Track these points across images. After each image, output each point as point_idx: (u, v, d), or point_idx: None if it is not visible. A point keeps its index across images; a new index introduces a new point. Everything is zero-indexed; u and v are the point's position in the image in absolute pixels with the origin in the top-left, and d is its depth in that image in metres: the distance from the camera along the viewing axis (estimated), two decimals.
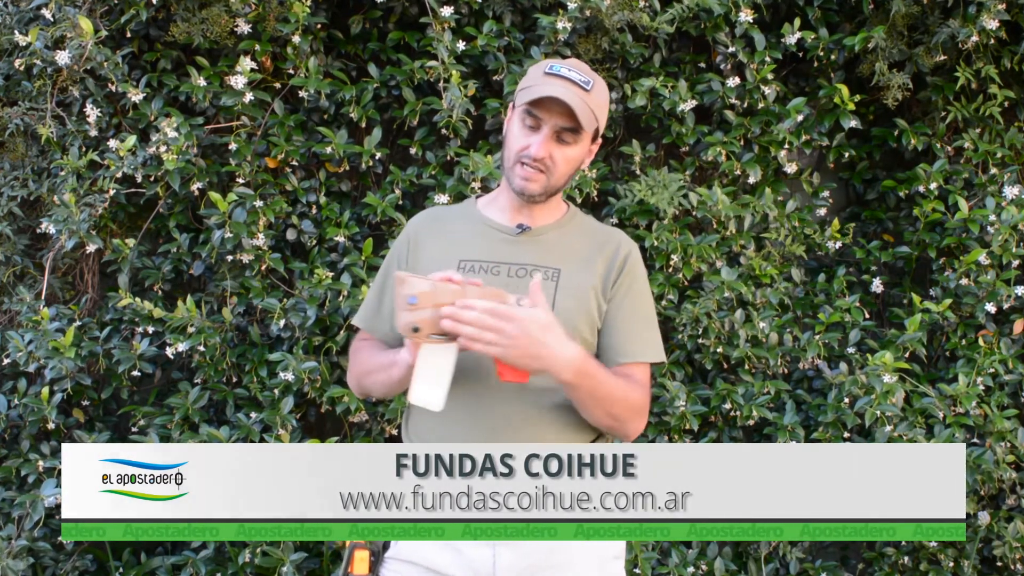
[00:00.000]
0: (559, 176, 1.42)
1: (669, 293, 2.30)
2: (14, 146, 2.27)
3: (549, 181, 1.42)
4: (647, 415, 1.47)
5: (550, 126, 1.38)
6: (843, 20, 2.42)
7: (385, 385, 1.44)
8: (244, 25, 2.17)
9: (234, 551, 2.19)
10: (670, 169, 2.41)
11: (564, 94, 1.34)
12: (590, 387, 1.33)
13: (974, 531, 2.36)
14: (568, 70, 1.39)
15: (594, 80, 1.40)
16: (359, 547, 1.45)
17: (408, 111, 2.27)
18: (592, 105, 1.38)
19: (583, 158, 1.46)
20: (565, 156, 1.41)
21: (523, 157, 1.40)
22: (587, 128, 1.37)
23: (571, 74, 1.38)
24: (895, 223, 2.53)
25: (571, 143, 1.40)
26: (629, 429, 1.44)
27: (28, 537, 2.13)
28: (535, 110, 1.38)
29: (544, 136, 1.38)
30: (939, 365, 2.48)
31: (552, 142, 1.39)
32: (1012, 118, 2.49)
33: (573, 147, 1.41)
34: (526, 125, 1.40)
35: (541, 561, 1.40)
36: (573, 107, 1.34)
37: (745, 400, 2.30)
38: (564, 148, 1.40)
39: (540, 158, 1.39)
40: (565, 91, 1.35)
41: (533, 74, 1.42)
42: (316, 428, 2.41)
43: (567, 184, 1.47)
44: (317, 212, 2.32)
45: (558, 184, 1.44)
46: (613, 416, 1.39)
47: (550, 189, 1.43)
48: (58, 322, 2.18)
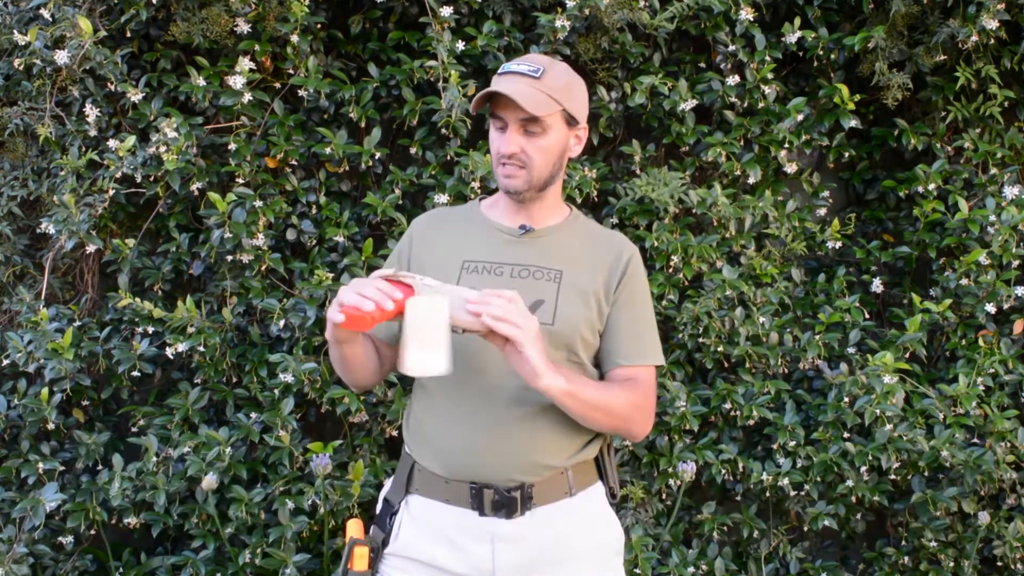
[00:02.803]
0: (540, 168, 1.43)
1: (669, 293, 2.30)
2: (14, 146, 2.26)
3: (531, 175, 1.43)
4: (652, 415, 1.49)
5: (513, 122, 1.40)
6: (843, 20, 2.42)
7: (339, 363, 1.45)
8: (244, 25, 2.17)
9: (234, 551, 2.19)
10: (670, 169, 2.41)
11: (507, 87, 1.37)
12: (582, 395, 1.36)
13: (974, 531, 2.36)
14: (517, 64, 1.41)
15: (545, 67, 1.41)
16: (359, 543, 1.46)
17: (408, 111, 2.27)
18: (546, 90, 1.39)
19: (562, 146, 1.46)
20: (538, 147, 1.42)
21: (500, 157, 1.43)
22: (539, 113, 1.37)
23: (519, 67, 1.40)
24: (895, 223, 2.53)
25: (539, 133, 1.41)
26: (634, 429, 1.46)
27: (27, 539, 2.12)
28: (495, 110, 1.41)
29: (510, 132, 1.41)
30: (939, 365, 2.48)
31: (520, 136, 1.41)
32: (1012, 118, 2.49)
33: (543, 136, 1.42)
34: (496, 127, 1.44)
35: (540, 557, 1.41)
36: (515, 97, 1.35)
37: (745, 400, 2.30)
38: (534, 139, 1.42)
39: (512, 153, 1.41)
40: (510, 84, 1.38)
41: (493, 79, 1.44)
42: (316, 429, 2.41)
43: (554, 174, 1.47)
44: (317, 212, 2.32)
45: (541, 176, 1.44)
46: (613, 418, 1.41)
47: (534, 182, 1.44)
48: (58, 322, 2.17)
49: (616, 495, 1.54)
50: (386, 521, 1.48)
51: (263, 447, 2.25)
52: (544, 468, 1.41)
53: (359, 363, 1.44)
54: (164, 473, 2.17)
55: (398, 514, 1.48)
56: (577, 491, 1.46)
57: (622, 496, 2.33)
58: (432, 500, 1.44)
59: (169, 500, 2.21)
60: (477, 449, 1.39)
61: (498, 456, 1.39)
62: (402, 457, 1.53)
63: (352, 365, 1.44)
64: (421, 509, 1.45)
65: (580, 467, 1.47)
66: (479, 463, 1.39)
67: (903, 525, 2.46)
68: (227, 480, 2.18)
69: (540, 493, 1.41)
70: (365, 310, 1.21)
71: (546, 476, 1.41)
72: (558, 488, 1.43)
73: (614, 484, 1.54)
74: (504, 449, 1.39)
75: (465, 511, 1.40)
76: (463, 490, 1.40)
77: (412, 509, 1.46)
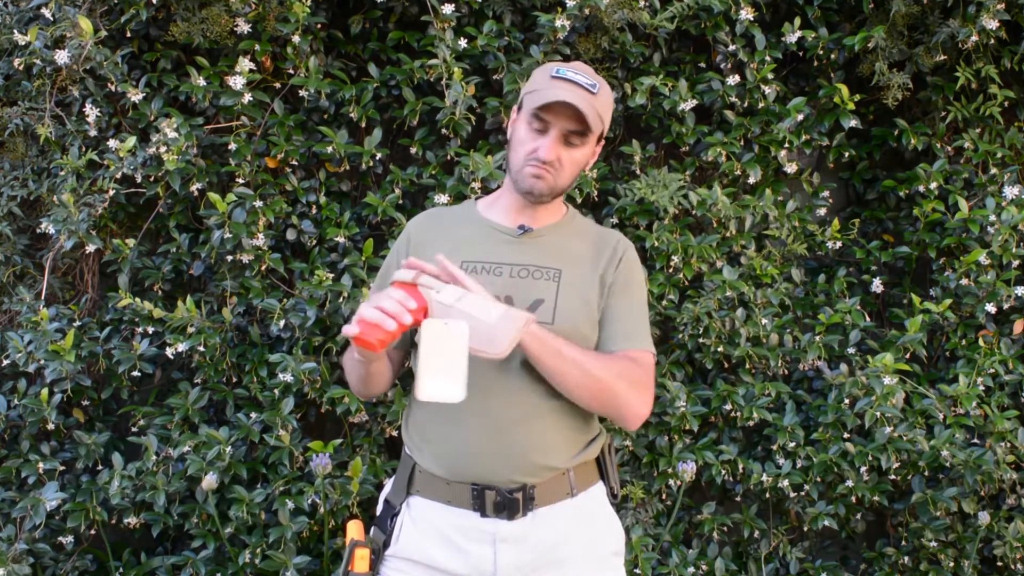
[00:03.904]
0: (565, 178, 1.45)
1: (669, 293, 2.30)
2: (14, 146, 2.26)
3: (556, 182, 1.44)
4: (647, 398, 1.42)
5: (558, 129, 1.40)
6: (843, 20, 2.42)
7: (362, 380, 1.46)
8: (244, 25, 2.17)
9: (234, 551, 2.19)
10: (670, 169, 2.41)
11: (573, 98, 1.36)
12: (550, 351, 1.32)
13: (974, 531, 2.36)
14: (575, 73, 1.40)
15: (599, 83, 1.42)
16: (360, 545, 1.46)
17: (408, 111, 2.27)
18: (598, 108, 1.41)
19: (588, 160, 1.49)
20: (572, 158, 1.44)
21: (532, 160, 1.42)
22: (594, 131, 1.40)
23: (578, 77, 1.40)
24: (895, 223, 2.53)
25: (578, 145, 1.43)
26: (621, 406, 1.39)
27: (28, 538, 2.13)
28: (544, 114, 1.39)
29: (552, 139, 1.40)
30: (939, 365, 2.48)
31: (560, 145, 1.41)
32: (1012, 118, 2.49)
33: (580, 149, 1.44)
34: (533, 128, 1.42)
35: (541, 558, 1.41)
36: (583, 111, 1.36)
37: (745, 401, 2.30)
38: (571, 151, 1.43)
39: (549, 160, 1.41)
40: (574, 95, 1.37)
41: (539, 78, 1.43)
42: (316, 429, 2.41)
43: (571, 186, 1.50)
44: (317, 212, 2.32)
45: (564, 185, 1.46)
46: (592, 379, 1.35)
47: (556, 190, 1.46)
48: (58, 322, 2.17)
49: (616, 495, 1.54)
50: (387, 522, 1.48)
51: (263, 447, 2.25)
52: (546, 469, 1.41)
53: (380, 377, 1.47)
54: (164, 473, 2.17)
55: (399, 515, 1.48)
56: (578, 492, 1.46)
57: (622, 496, 2.33)
58: (433, 501, 1.44)
59: (169, 500, 2.21)
60: (479, 450, 1.39)
61: (500, 457, 1.39)
62: (402, 459, 1.53)
63: (375, 380, 1.46)
64: (422, 510, 1.45)
65: (582, 468, 1.47)
66: (481, 464, 1.39)
67: (903, 525, 2.46)
68: (227, 480, 2.18)
69: (542, 494, 1.41)
70: (388, 329, 1.18)
71: (548, 477, 1.41)
72: (560, 489, 1.43)
73: (615, 484, 1.55)
74: (506, 450, 1.39)
75: (467, 512, 1.40)
76: (465, 491, 1.40)
77: (413, 510, 1.46)
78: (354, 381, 1.51)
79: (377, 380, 1.47)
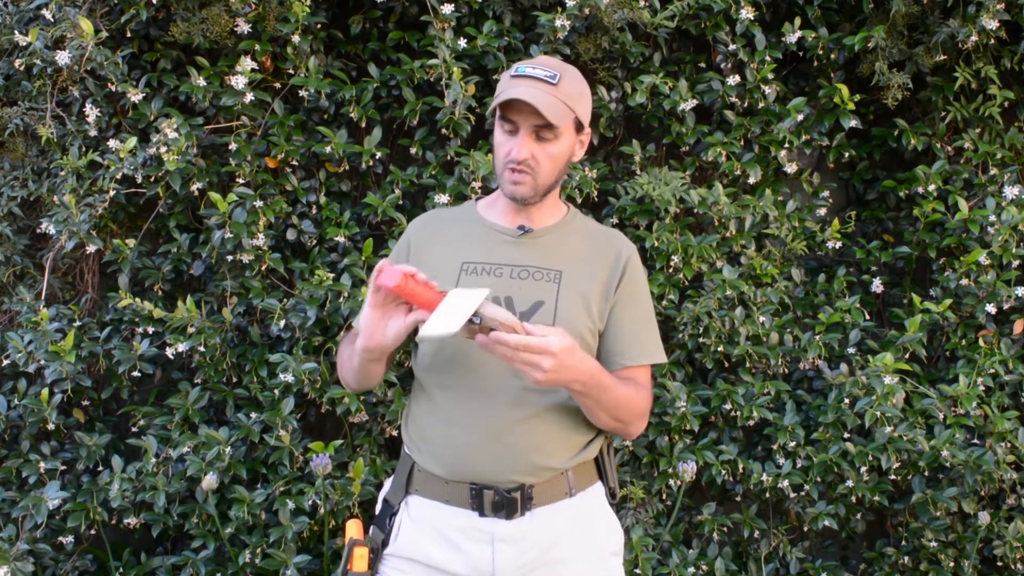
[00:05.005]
0: (546, 174, 1.43)
1: (669, 293, 2.30)
2: (14, 146, 2.26)
3: (537, 181, 1.43)
4: (648, 416, 1.51)
5: (526, 127, 1.39)
6: (843, 19, 2.42)
7: (356, 374, 1.47)
8: (244, 25, 2.17)
9: (234, 551, 2.19)
10: (670, 169, 2.41)
11: (527, 94, 1.35)
12: (598, 396, 1.36)
13: (974, 531, 2.36)
14: (533, 68, 1.40)
15: (561, 72, 1.40)
16: (358, 544, 1.46)
17: (408, 111, 2.27)
18: (562, 97, 1.39)
19: (570, 152, 1.46)
20: (548, 154, 1.42)
21: (508, 163, 1.41)
22: (557, 123, 1.37)
23: (535, 72, 1.39)
24: (895, 223, 2.53)
25: (551, 139, 1.41)
26: (632, 430, 1.48)
27: (28, 538, 2.13)
28: (509, 114, 1.39)
29: (522, 137, 1.39)
30: (939, 365, 2.48)
31: (532, 142, 1.40)
32: (1012, 118, 2.49)
33: (555, 143, 1.41)
34: (505, 130, 1.42)
35: (540, 558, 1.41)
36: (537, 105, 1.34)
37: (746, 401, 2.30)
38: (545, 145, 1.41)
39: (522, 159, 1.40)
40: (529, 90, 1.36)
41: (503, 79, 1.43)
42: (316, 429, 2.41)
43: (558, 180, 1.48)
44: (317, 212, 2.32)
45: (547, 182, 1.45)
46: (617, 419, 1.42)
47: (540, 188, 1.44)
48: (58, 322, 2.17)
49: (616, 495, 1.55)
50: (386, 522, 1.49)
51: (263, 447, 2.25)
52: (544, 469, 1.41)
53: (375, 376, 1.48)
54: (164, 473, 2.17)
55: (398, 515, 1.48)
56: (577, 492, 1.46)
57: (622, 496, 2.33)
58: (432, 501, 1.44)
59: (169, 500, 2.21)
60: (477, 450, 1.39)
61: (498, 457, 1.39)
62: (401, 458, 1.53)
63: (369, 377, 1.47)
64: (421, 510, 1.45)
65: (580, 468, 1.47)
66: (479, 464, 1.39)
67: (903, 525, 2.46)
68: (227, 480, 2.18)
69: (540, 494, 1.41)
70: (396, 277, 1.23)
71: (547, 477, 1.42)
72: (558, 489, 1.43)
73: (614, 484, 1.55)
74: (504, 450, 1.39)
75: (465, 512, 1.40)
76: (463, 491, 1.40)
77: (412, 510, 1.46)
78: (346, 373, 1.51)
79: (371, 377, 1.47)
